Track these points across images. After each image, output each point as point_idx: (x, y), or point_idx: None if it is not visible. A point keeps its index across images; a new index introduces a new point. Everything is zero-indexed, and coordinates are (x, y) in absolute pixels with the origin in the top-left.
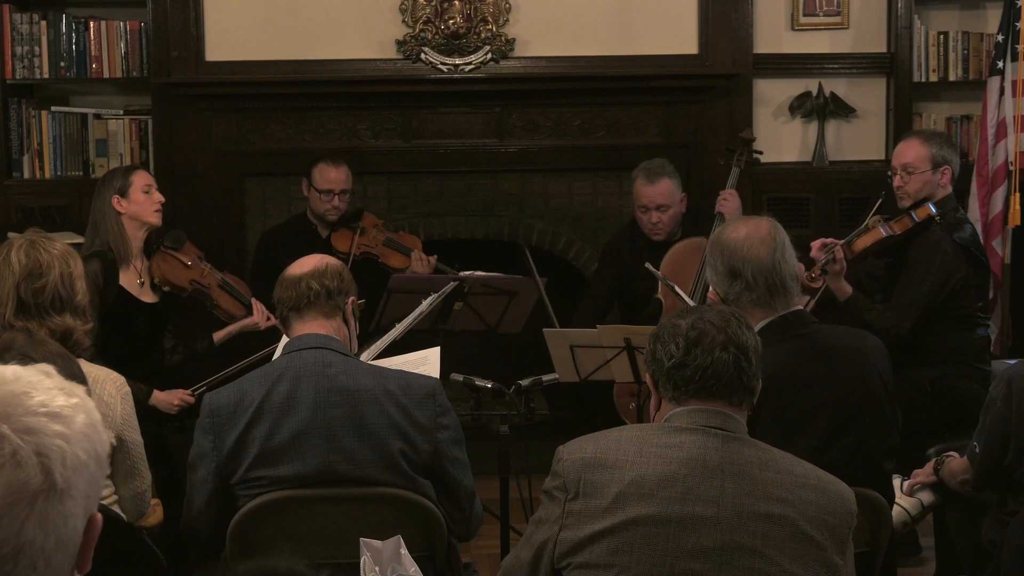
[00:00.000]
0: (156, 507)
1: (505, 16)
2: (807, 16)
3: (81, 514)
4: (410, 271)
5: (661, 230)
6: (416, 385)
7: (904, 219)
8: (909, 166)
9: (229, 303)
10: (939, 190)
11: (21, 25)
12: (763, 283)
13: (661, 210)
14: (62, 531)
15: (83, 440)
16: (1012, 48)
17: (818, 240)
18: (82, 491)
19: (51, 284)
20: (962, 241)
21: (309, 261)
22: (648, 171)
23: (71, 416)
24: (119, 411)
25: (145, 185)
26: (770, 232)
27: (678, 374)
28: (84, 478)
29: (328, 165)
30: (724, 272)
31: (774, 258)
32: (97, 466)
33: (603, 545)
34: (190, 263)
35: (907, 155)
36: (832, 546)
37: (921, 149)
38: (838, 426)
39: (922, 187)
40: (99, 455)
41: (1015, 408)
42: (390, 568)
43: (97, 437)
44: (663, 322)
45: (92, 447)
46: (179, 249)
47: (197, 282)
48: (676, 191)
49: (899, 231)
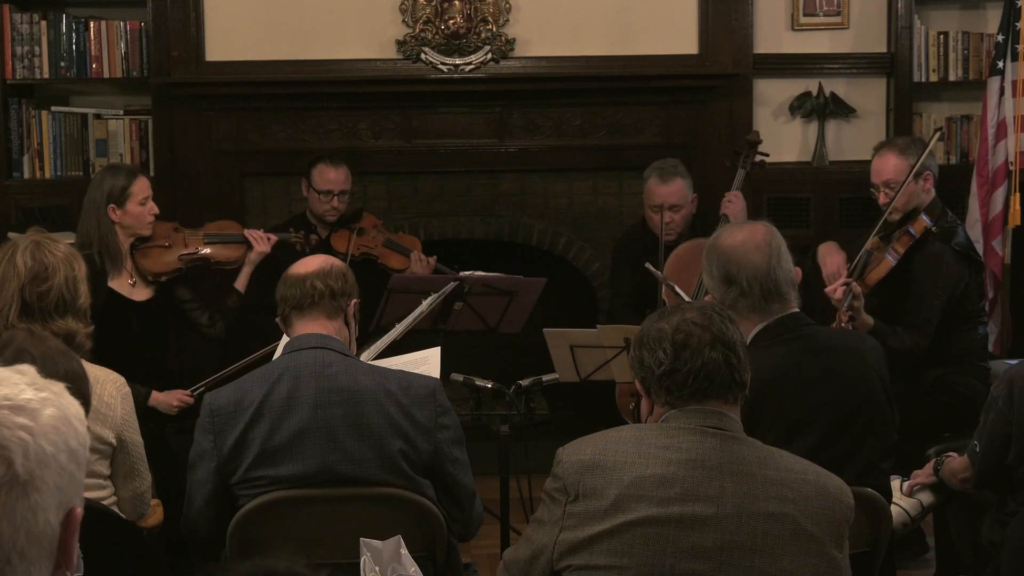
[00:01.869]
0: (156, 508)
1: (505, 16)
2: (807, 16)
3: (53, 508)
4: (409, 272)
5: (673, 230)
6: (416, 385)
7: (903, 238)
8: (890, 183)
9: (223, 252)
10: (924, 196)
11: (21, 25)
12: (758, 289)
13: (673, 210)
14: (32, 525)
15: (50, 432)
16: (1012, 48)
17: (834, 285)
18: (51, 484)
19: (56, 288)
20: (960, 247)
21: (314, 261)
22: (661, 171)
23: (37, 409)
24: (119, 411)
25: (143, 197)
26: (766, 238)
27: (670, 380)
28: (52, 471)
29: (327, 166)
30: (719, 278)
31: (769, 264)
32: (69, 459)
33: (603, 546)
34: (167, 242)
35: (886, 172)
36: (831, 540)
37: (899, 162)
38: (837, 426)
39: (909, 199)
40: (71, 448)
41: (1016, 408)
42: (390, 568)
43: (70, 431)
44: (645, 327)
45: (62, 440)
46: (150, 239)
47: (184, 255)
48: (688, 191)
49: (902, 251)
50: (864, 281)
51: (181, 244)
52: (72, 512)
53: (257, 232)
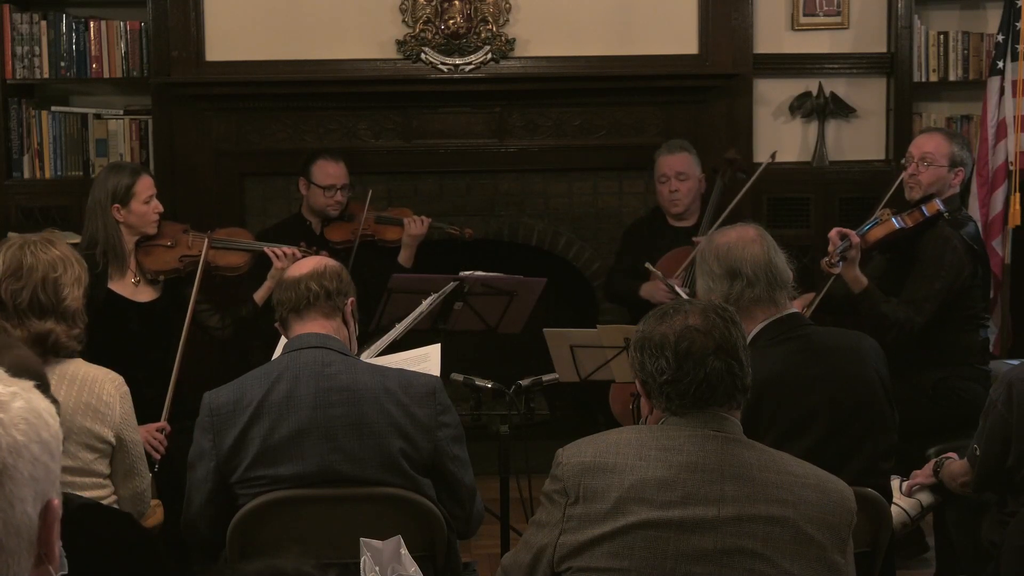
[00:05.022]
0: (156, 508)
1: (505, 16)
2: (807, 16)
3: (30, 499)
4: (406, 236)
5: (679, 200)
6: (416, 384)
7: (915, 212)
8: (928, 156)
9: (225, 259)
10: (948, 189)
11: (21, 25)
12: (764, 277)
13: (680, 178)
14: (9, 515)
15: (20, 423)
16: (1012, 48)
17: (834, 230)
18: (25, 474)
19: (30, 288)
20: (969, 238)
21: (308, 263)
22: (669, 145)
23: (7, 402)
24: (118, 411)
25: (147, 196)
26: (758, 233)
27: (671, 389)
28: (26, 460)
29: (328, 161)
30: (722, 274)
31: (768, 254)
32: (42, 450)
33: (604, 549)
34: (170, 242)
35: (928, 145)
36: (833, 545)
37: (943, 144)
38: (836, 427)
39: (935, 181)
40: (43, 439)
41: (1016, 411)
42: (390, 568)
43: (40, 423)
44: (646, 329)
45: (33, 431)
46: (155, 237)
47: (187, 255)
48: (695, 165)
49: (911, 224)
50: (865, 238)
51: (185, 245)
52: (50, 504)
53: (280, 249)
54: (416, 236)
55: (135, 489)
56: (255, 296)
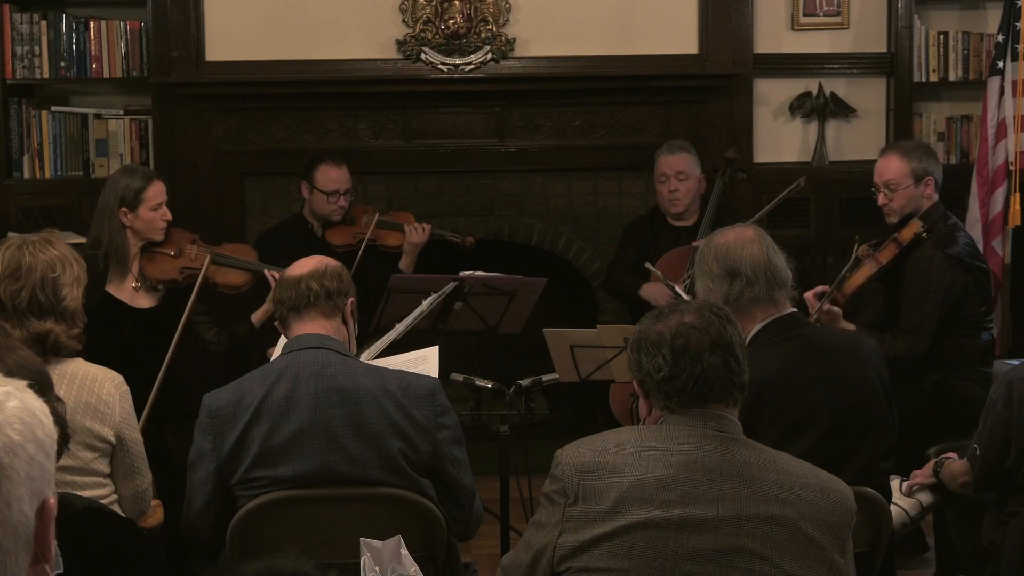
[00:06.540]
0: (156, 508)
1: (505, 16)
2: (807, 16)
3: (27, 498)
4: (407, 244)
5: (679, 200)
6: (415, 385)
7: (890, 246)
8: (891, 183)
9: (227, 276)
10: (924, 201)
11: (21, 25)
12: (763, 277)
13: (679, 177)
14: (6, 514)
15: (15, 422)
16: (1012, 48)
17: (810, 292)
18: (21, 473)
19: (28, 288)
20: (955, 254)
21: (308, 262)
22: (669, 145)
23: (1, 402)
24: (117, 410)
25: (156, 203)
26: (756, 233)
27: (669, 386)
28: (22, 460)
29: (331, 165)
30: (721, 274)
31: (767, 254)
32: (38, 449)
33: (603, 549)
34: (174, 252)
35: (888, 172)
36: (833, 545)
37: (901, 164)
38: (836, 426)
39: (907, 202)
40: (38, 439)
41: (1015, 411)
42: (390, 568)
43: (35, 422)
44: (643, 329)
45: (28, 430)
46: (161, 244)
47: (187, 268)
48: (695, 166)
49: (886, 261)
50: (842, 291)
51: (188, 257)
52: (46, 503)
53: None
54: (417, 244)
55: (136, 488)
56: (253, 317)
